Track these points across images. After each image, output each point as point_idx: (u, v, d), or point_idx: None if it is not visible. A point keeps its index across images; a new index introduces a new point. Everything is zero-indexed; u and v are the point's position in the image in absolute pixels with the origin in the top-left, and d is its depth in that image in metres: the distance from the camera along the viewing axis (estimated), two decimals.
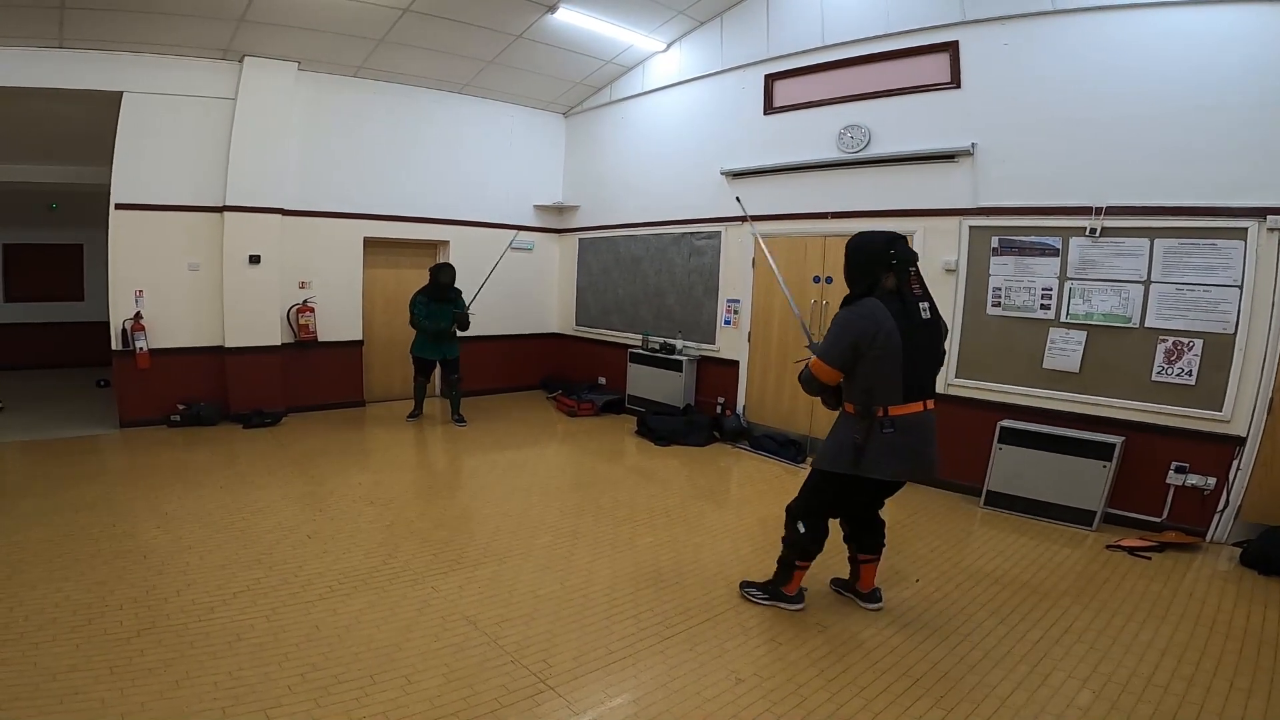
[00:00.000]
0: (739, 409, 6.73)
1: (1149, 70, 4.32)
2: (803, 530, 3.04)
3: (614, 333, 8.28)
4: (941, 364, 2.96)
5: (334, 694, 2.38)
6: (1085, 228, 4.58)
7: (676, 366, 7.10)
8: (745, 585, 3.35)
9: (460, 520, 4.33)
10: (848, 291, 2.91)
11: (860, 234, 2.93)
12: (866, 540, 3.19)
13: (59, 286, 9.88)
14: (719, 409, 6.88)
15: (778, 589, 3.20)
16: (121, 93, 6.06)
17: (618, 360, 7.95)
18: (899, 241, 2.78)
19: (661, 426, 6.51)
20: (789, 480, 5.39)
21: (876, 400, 2.74)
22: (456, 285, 6.86)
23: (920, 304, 2.75)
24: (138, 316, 6.26)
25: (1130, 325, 4.44)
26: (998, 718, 2.40)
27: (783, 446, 6.05)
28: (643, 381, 7.51)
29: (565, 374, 8.89)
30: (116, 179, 6.15)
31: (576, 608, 3.15)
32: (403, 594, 3.21)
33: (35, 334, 9.61)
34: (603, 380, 8.34)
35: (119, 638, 2.67)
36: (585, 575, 3.51)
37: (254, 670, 2.49)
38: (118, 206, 6.16)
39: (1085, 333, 4.62)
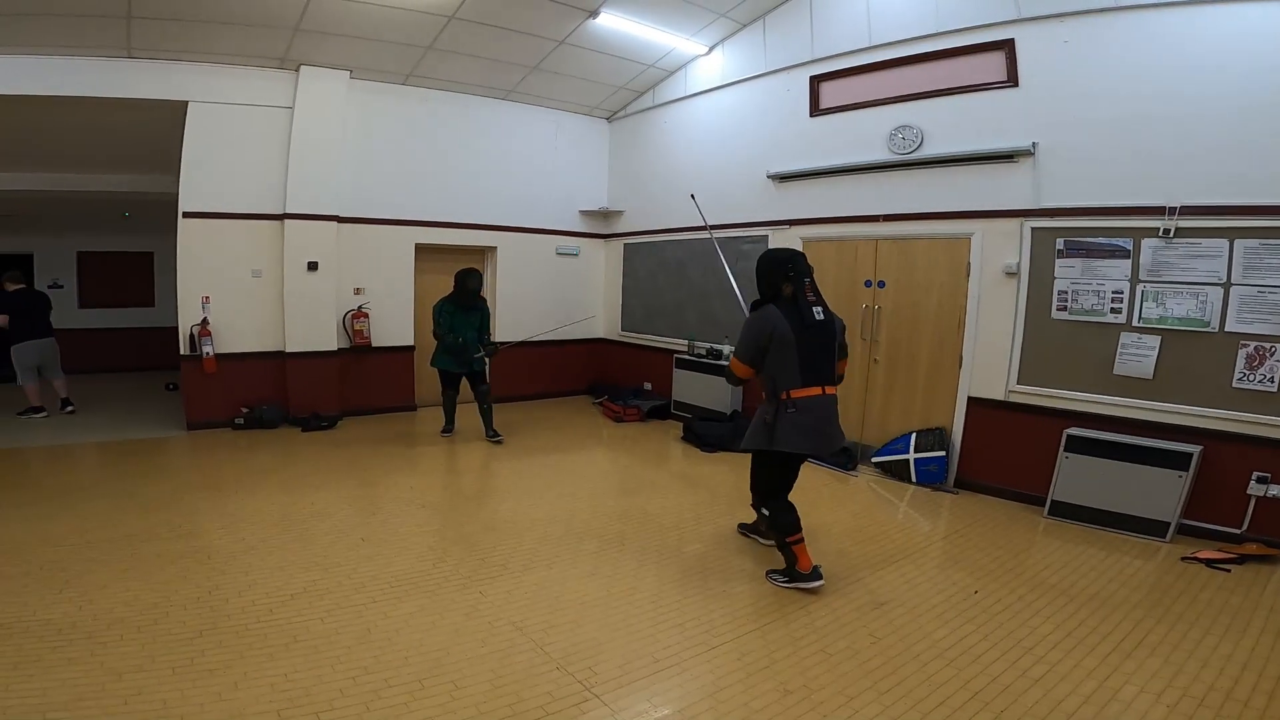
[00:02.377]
0: None
1: (1224, 66, 4.10)
2: (768, 513, 3.48)
3: (659, 338, 8.25)
4: (838, 356, 3.48)
5: (384, 698, 2.40)
6: (1158, 228, 4.36)
7: (723, 372, 7.01)
8: (770, 573, 3.59)
9: (507, 525, 4.36)
10: (755, 299, 3.48)
11: (768, 250, 3.61)
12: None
13: (131, 293, 10.41)
14: None
15: (793, 570, 3.46)
16: (187, 102, 6.32)
17: (663, 366, 7.92)
18: (798, 258, 3.44)
19: (708, 433, 6.45)
20: (839, 487, 5.27)
21: (780, 386, 3.31)
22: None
23: (814, 308, 3.36)
24: (204, 322, 6.52)
25: (1209, 330, 4.21)
26: None
27: (834, 454, 5.90)
28: (688, 387, 7.46)
29: (611, 379, 8.90)
30: (184, 188, 6.42)
31: (622, 615, 3.12)
32: (451, 598, 3.24)
33: (108, 339, 10.13)
34: (648, 386, 8.31)
35: (182, 638, 2.76)
36: (631, 582, 3.48)
37: (308, 673, 2.54)
38: (185, 215, 6.43)
39: (1159, 337, 4.39)
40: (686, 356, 7.54)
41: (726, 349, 7.15)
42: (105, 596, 3.09)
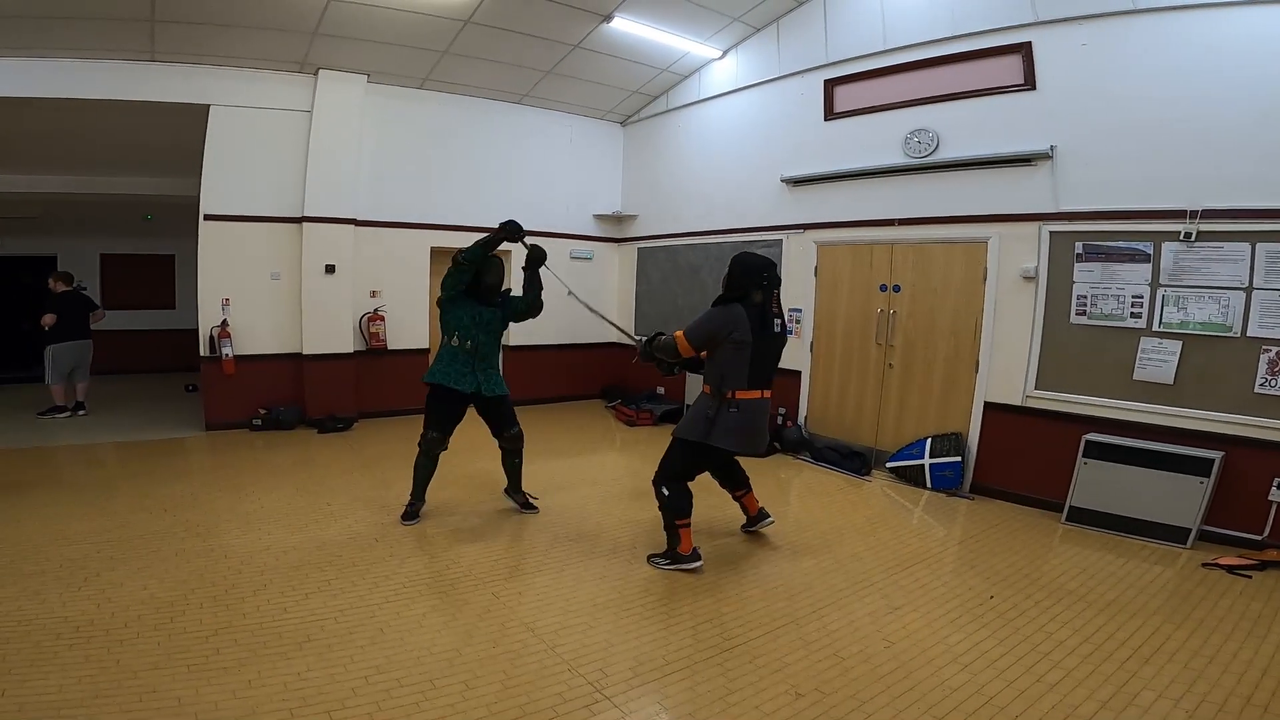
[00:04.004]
0: (800, 420, 6.59)
1: (1244, 68, 4.06)
2: (667, 493, 3.64)
3: None
4: (778, 362, 3.67)
5: (395, 697, 2.42)
6: (1179, 232, 4.31)
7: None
8: (650, 557, 3.78)
9: (520, 527, 4.37)
10: (722, 294, 3.57)
11: (746, 253, 3.65)
12: (733, 480, 4.10)
13: (152, 295, 10.56)
14: (780, 420, 6.74)
15: (674, 552, 3.65)
16: (208, 105, 6.42)
17: None
18: (773, 268, 3.57)
19: None
20: (852, 493, 5.23)
21: (727, 384, 3.46)
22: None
23: (775, 319, 3.54)
24: (224, 324, 6.61)
25: (1230, 335, 4.15)
26: None
27: (846, 458, 5.88)
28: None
29: (624, 383, 8.91)
30: (205, 190, 6.51)
31: (634, 618, 3.12)
32: (464, 599, 3.25)
33: (129, 340, 10.25)
34: (661, 390, 8.31)
35: (198, 636, 2.79)
36: (643, 585, 3.48)
37: (321, 671, 2.56)
38: (206, 217, 6.53)
39: (1180, 342, 4.33)
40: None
41: None
42: (123, 595, 3.13)
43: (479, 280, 4.38)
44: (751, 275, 3.49)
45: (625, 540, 4.11)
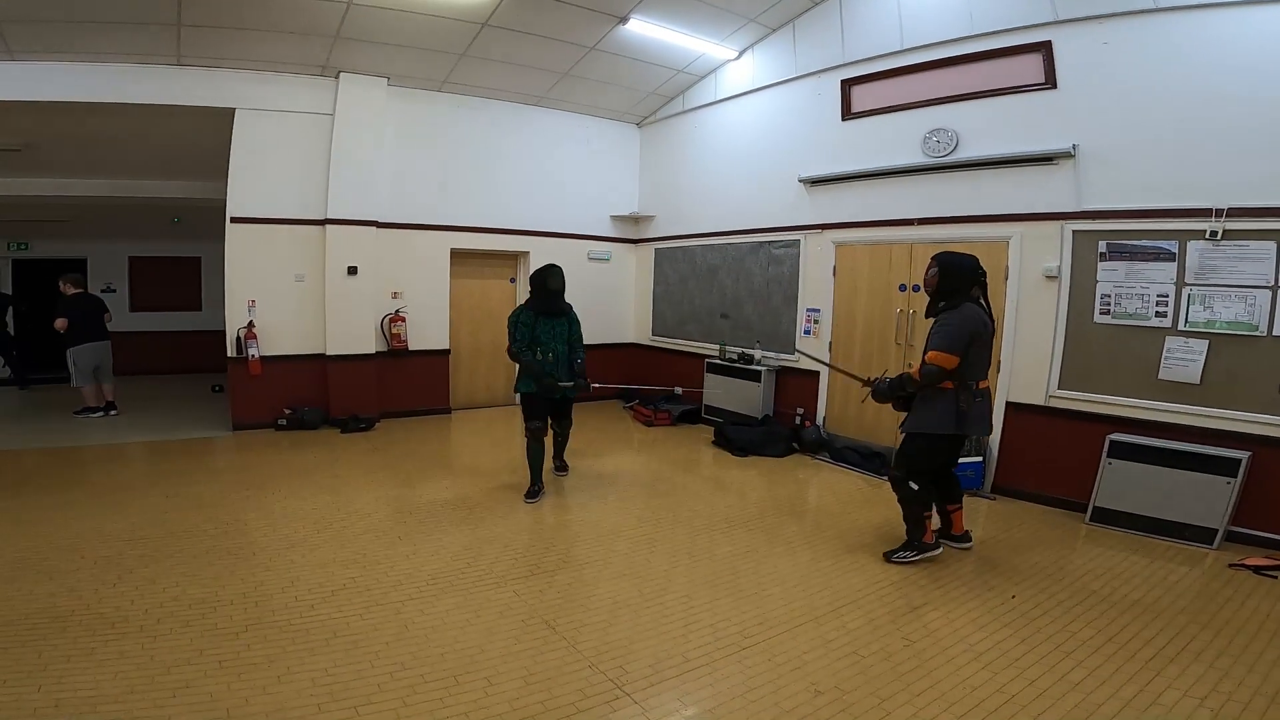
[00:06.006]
0: (819, 420, 6.58)
1: (1269, 66, 4.00)
2: (916, 487, 3.75)
3: (690, 343, 8.26)
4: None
5: (420, 693, 2.46)
6: (1205, 230, 4.25)
7: (755, 377, 7.02)
8: (889, 554, 3.87)
9: (540, 526, 4.41)
10: (943, 300, 3.70)
11: (954, 254, 3.77)
12: (951, 492, 4.02)
13: (179, 297, 10.79)
14: (798, 420, 6.73)
15: (920, 541, 3.81)
16: (234, 109, 6.55)
17: (694, 370, 7.92)
18: (979, 263, 3.75)
19: (739, 437, 6.44)
20: (871, 493, 5.21)
21: (973, 377, 3.62)
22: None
23: (989, 312, 3.73)
24: (250, 325, 6.73)
25: (1258, 334, 4.09)
26: None
27: (866, 459, 5.86)
28: (720, 392, 7.45)
29: (642, 383, 8.92)
30: (231, 193, 6.65)
31: (653, 615, 3.15)
32: (486, 597, 3.30)
33: (157, 341, 10.51)
34: (679, 390, 8.30)
35: (228, 633, 2.86)
36: (662, 583, 3.50)
37: (347, 667, 2.62)
38: (232, 220, 6.66)
39: (1207, 342, 4.27)
40: (718, 361, 7.54)
41: (758, 354, 7.14)
42: (155, 591, 3.22)
43: (542, 284, 4.92)
44: (969, 274, 3.68)
45: (643, 539, 4.13)
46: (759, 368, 7.00)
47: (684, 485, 5.41)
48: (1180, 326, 4.38)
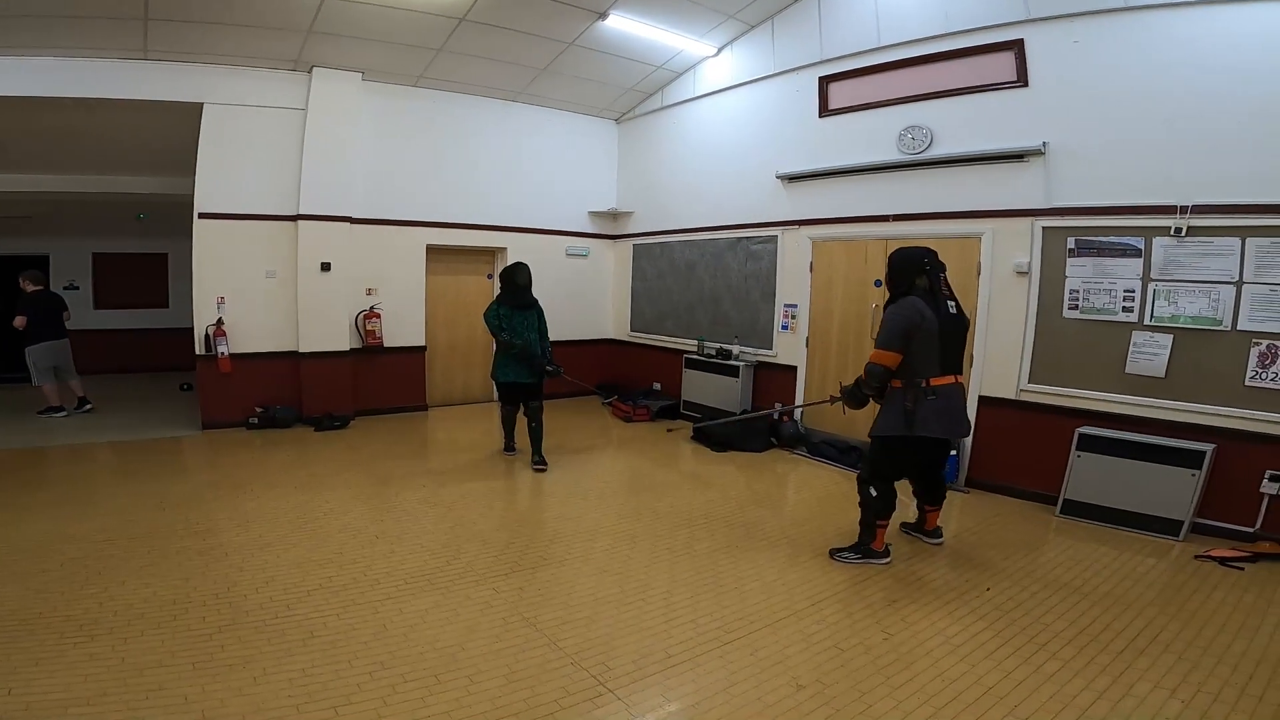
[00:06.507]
0: (796, 415, 6.63)
1: (1233, 65, 4.10)
2: (874, 494, 3.65)
3: (669, 338, 8.27)
4: (964, 347, 3.73)
5: (400, 692, 2.44)
6: (1170, 227, 4.35)
7: (733, 372, 7.05)
8: (835, 551, 3.83)
9: (519, 523, 4.40)
10: (887, 295, 3.69)
11: (904, 247, 3.79)
12: (931, 495, 3.98)
13: (145, 294, 10.51)
14: (776, 415, 6.78)
15: (867, 547, 3.73)
16: (202, 104, 6.40)
17: (672, 366, 7.94)
18: (932, 254, 3.64)
19: (718, 432, 6.47)
20: (849, 487, 5.24)
21: (920, 374, 3.47)
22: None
23: (948, 302, 3.55)
24: (219, 323, 6.59)
25: (1221, 328, 4.20)
26: None
27: (843, 453, 5.92)
28: (698, 387, 7.48)
29: (620, 380, 8.93)
30: (199, 189, 6.50)
31: (635, 611, 3.15)
32: (465, 594, 3.27)
33: (123, 340, 10.24)
34: (658, 386, 8.34)
35: (201, 634, 2.80)
36: (643, 579, 3.51)
37: (326, 667, 2.58)
38: (200, 216, 6.51)
39: (1171, 336, 4.38)
40: (696, 357, 7.56)
41: (736, 349, 7.17)
42: (126, 593, 3.14)
43: (510, 281, 5.59)
44: (911, 264, 3.58)
45: (623, 535, 4.13)
46: (737, 363, 7.03)
47: (664, 481, 5.42)
48: (1146, 321, 4.48)
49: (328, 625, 2.92)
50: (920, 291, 3.52)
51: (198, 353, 6.62)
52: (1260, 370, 4.05)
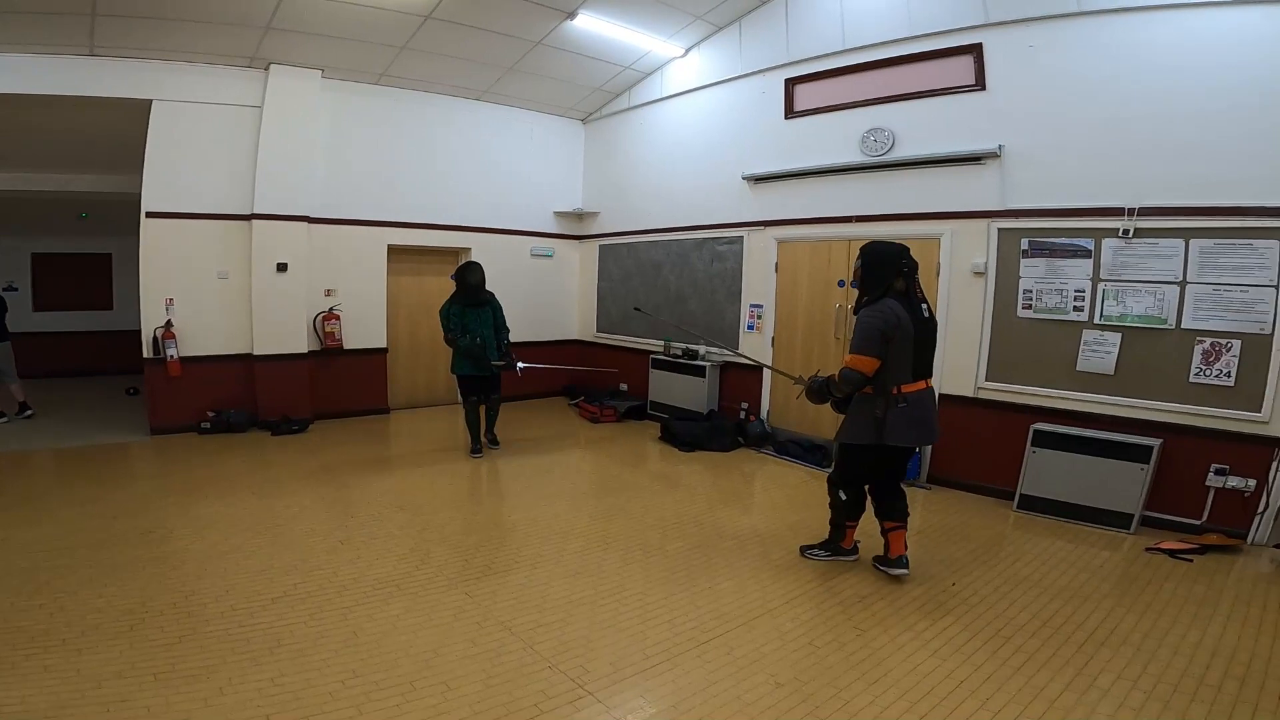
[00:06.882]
0: (763, 414, 6.70)
1: (1180, 69, 4.27)
2: (844, 497, 3.65)
3: (635, 339, 8.27)
4: (934, 350, 3.59)
5: (375, 700, 2.38)
6: (1118, 229, 4.52)
7: (699, 372, 7.09)
8: (805, 548, 3.86)
9: (489, 526, 4.34)
10: (863, 294, 3.49)
11: (877, 243, 3.58)
12: (890, 510, 3.61)
13: (87, 295, 10.07)
14: (743, 414, 6.85)
15: (836, 545, 3.76)
16: (151, 100, 6.16)
17: (639, 366, 7.95)
18: (907, 253, 3.46)
19: (685, 432, 6.50)
20: (815, 485, 5.34)
21: (891, 381, 3.35)
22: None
23: (921, 304, 3.44)
24: (168, 324, 6.35)
25: (1166, 326, 4.38)
26: (1048, 719, 2.36)
27: (808, 451, 6.00)
28: (665, 387, 7.50)
29: (586, 381, 8.89)
30: (147, 187, 6.25)
31: (610, 613, 3.14)
32: (437, 600, 3.22)
33: (64, 343, 9.79)
34: (624, 387, 8.33)
35: (161, 644, 2.70)
36: (617, 581, 3.49)
37: (295, 676, 2.51)
38: (148, 215, 6.26)
39: (1120, 334, 4.55)
40: (663, 357, 7.57)
41: (702, 349, 7.21)
42: (77, 603, 3.01)
43: (463, 280, 5.80)
44: (890, 264, 3.39)
45: (595, 537, 4.12)
46: (703, 363, 7.07)
47: (633, 482, 5.41)
48: (1096, 320, 4.65)
49: (294, 633, 2.84)
50: (896, 294, 3.37)
51: (145, 355, 6.36)
52: (1204, 367, 4.24)
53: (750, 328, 6.82)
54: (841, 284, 6.01)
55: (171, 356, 6.33)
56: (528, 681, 2.54)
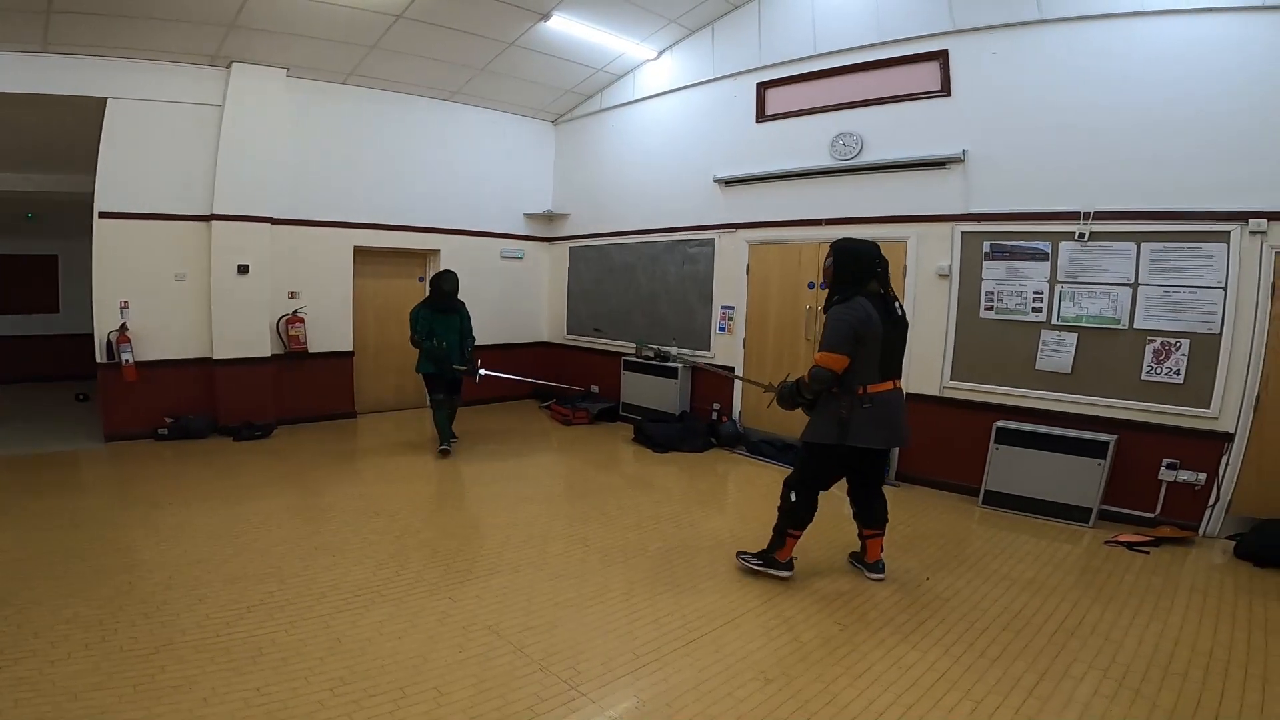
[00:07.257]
0: (735, 415, 6.78)
1: (1134, 78, 4.47)
2: (794, 499, 3.47)
3: (606, 341, 8.28)
4: (904, 350, 3.55)
5: (366, 708, 2.35)
6: (1074, 232, 4.71)
7: (671, 373, 7.13)
8: (741, 554, 3.71)
9: (468, 531, 4.30)
10: (835, 292, 3.42)
11: (849, 240, 3.50)
12: (868, 515, 3.61)
13: (32, 299, 9.62)
14: (715, 415, 6.91)
15: (771, 556, 3.56)
16: (105, 99, 5.94)
17: (611, 369, 7.96)
18: (879, 251, 3.42)
19: (659, 434, 6.53)
20: None
21: (857, 380, 3.27)
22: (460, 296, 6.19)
23: (894, 304, 3.38)
24: (123, 328, 6.12)
25: (1120, 327, 4.58)
26: (1027, 708, 2.45)
27: (781, 451, 6.09)
28: (637, 389, 7.52)
29: (556, 383, 8.85)
30: (100, 187, 6.03)
31: (597, 614, 3.15)
32: (420, 605, 3.18)
33: (7, 347, 9.34)
34: (595, 389, 8.32)
35: (136, 654, 2.61)
36: (600, 582, 3.50)
37: (281, 685, 2.45)
38: (101, 215, 6.03)
39: (1076, 334, 4.74)
40: (635, 359, 7.60)
41: (674, 350, 7.25)
42: (44, 614, 2.90)
43: (437, 287, 5.97)
44: (862, 264, 3.32)
45: (576, 539, 4.12)
46: (675, 365, 7.12)
47: (609, 484, 5.42)
48: (1053, 321, 4.84)
49: (276, 642, 2.78)
50: (870, 293, 3.30)
51: (98, 360, 6.13)
52: (1155, 365, 4.45)
53: (722, 329, 6.90)
54: (812, 286, 6.12)
55: (127, 361, 6.10)
56: (520, 685, 2.53)
